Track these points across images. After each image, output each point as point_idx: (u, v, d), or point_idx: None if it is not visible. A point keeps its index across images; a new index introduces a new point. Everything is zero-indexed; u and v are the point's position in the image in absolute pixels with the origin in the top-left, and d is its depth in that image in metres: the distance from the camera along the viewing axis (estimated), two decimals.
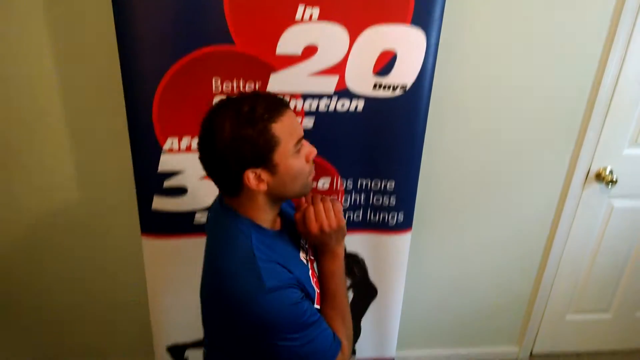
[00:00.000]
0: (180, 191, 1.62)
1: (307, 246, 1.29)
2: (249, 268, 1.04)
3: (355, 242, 1.83)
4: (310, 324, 1.09)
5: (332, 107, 1.58)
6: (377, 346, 2.04)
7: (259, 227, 1.12)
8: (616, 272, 2.27)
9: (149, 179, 1.60)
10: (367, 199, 1.73)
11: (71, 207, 1.86)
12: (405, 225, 1.79)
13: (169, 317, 1.84)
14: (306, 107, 1.57)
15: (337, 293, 1.23)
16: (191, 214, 1.66)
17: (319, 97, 1.56)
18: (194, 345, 1.92)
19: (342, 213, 1.21)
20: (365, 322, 1.98)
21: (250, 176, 1.06)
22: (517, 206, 2.04)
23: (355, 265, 1.87)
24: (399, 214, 1.76)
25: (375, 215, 1.77)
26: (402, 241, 1.82)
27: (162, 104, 1.50)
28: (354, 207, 1.75)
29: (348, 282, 1.90)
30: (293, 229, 1.24)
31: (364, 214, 1.77)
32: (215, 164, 1.08)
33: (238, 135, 1.03)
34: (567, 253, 2.17)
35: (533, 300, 2.27)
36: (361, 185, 1.72)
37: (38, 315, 2.07)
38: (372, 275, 1.89)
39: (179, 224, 1.67)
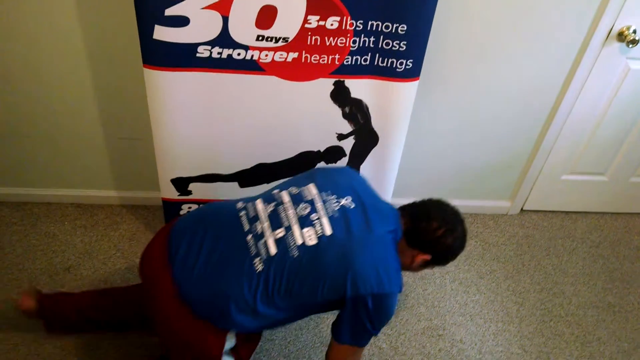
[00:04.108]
0: (182, 21, 1.56)
1: None
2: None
3: (361, 88, 1.80)
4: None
5: None
6: None
7: None
8: (620, 136, 2.26)
9: (149, 5, 1.52)
10: (376, 42, 1.67)
11: (72, 35, 1.80)
12: (413, 73, 1.75)
13: (172, 151, 1.88)
14: None
15: None
16: (193, 47, 1.61)
17: None
18: (198, 179, 1.99)
19: None
20: (364, 168, 2.03)
21: (421, 257, 1.43)
22: (531, 60, 1.96)
23: (359, 111, 1.86)
24: (408, 61, 1.71)
25: (383, 61, 1.72)
26: (408, 89, 1.79)
27: None
28: (362, 51, 1.69)
29: (351, 128, 1.91)
30: None
31: (372, 58, 1.71)
32: (435, 235, 1.41)
33: (457, 250, 1.46)
34: (574, 113, 2.14)
35: (532, 158, 2.30)
36: (371, 27, 1.64)
37: (42, 145, 2.11)
38: (375, 123, 1.89)
39: (181, 57, 1.63)
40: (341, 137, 1.94)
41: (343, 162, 2.01)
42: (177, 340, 1.38)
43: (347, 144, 1.96)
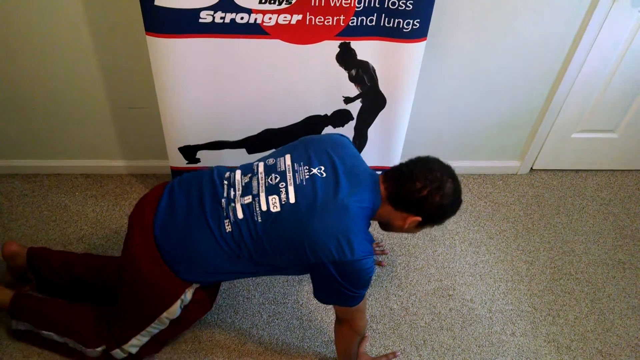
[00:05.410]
0: None
1: None
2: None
3: (367, 50, 1.77)
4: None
5: None
6: (382, 155, 2.11)
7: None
8: (631, 92, 2.22)
9: None
10: (382, 2, 1.63)
11: (73, 5, 1.77)
12: (420, 33, 1.71)
13: (178, 119, 1.88)
14: None
15: None
16: (195, 12, 1.59)
17: None
18: (206, 147, 1.99)
19: None
20: (372, 131, 2.01)
21: (411, 219, 1.40)
22: (541, 16, 1.91)
23: (365, 74, 1.84)
24: (415, 21, 1.67)
25: (389, 21, 1.68)
26: (415, 50, 1.76)
27: None
28: (367, 11, 1.65)
29: (358, 91, 1.89)
30: None
31: (378, 19, 1.68)
32: (420, 195, 1.35)
33: (450, 207, 1.41)
34: (585, 69, 2.10)
35: (542, 117, 2.27)
36: None
37: (49, 117, 2.11)
38: (382, 85, 1.87)
39: (183, 23, 1.61)
40: (348, 100, 1.92)
41: (351, 126, 2.00)
42: (140, 281, 1.47)
43: (355, 107, 1.95)
